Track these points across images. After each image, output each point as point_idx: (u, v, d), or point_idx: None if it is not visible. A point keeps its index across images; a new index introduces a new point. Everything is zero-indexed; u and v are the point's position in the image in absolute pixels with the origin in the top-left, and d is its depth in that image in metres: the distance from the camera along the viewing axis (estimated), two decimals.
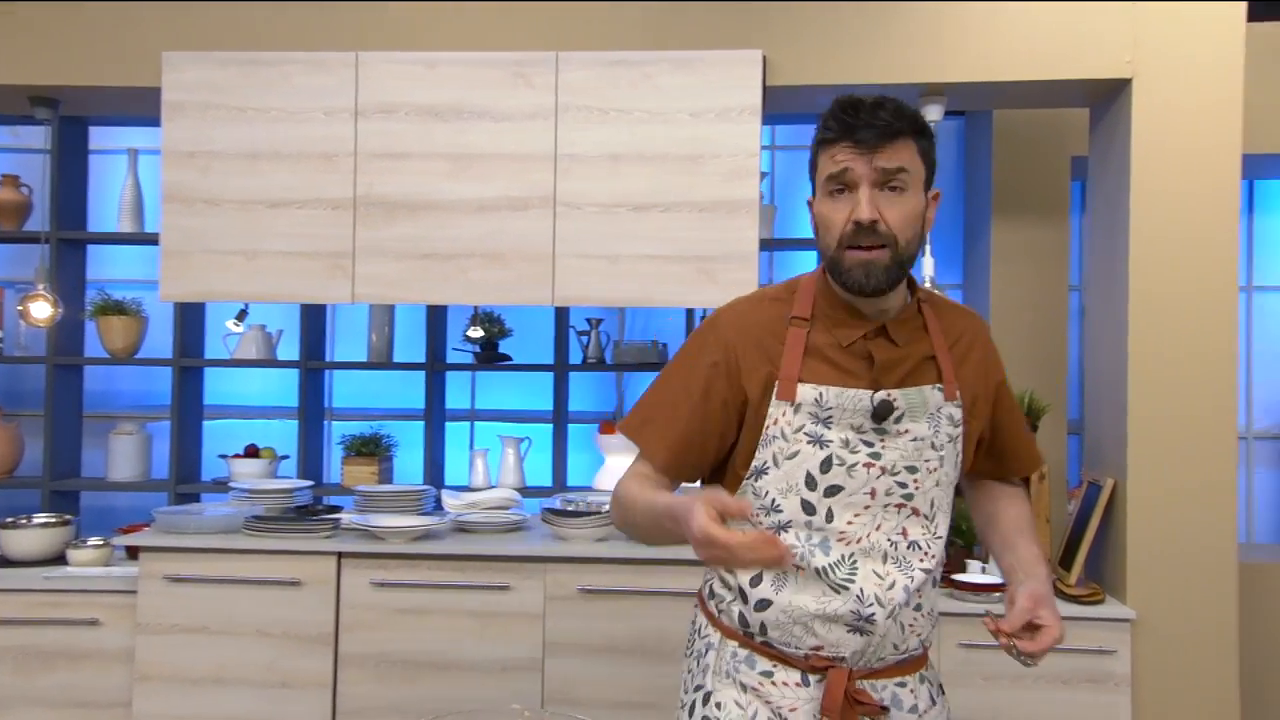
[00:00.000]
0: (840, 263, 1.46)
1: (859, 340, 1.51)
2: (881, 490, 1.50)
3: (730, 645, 1.56)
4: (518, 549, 2.92)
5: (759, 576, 1.53)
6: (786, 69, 3.00)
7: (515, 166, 3.03)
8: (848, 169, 1.42)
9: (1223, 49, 2.81)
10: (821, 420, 1.49)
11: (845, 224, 1.43)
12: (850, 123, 1.41)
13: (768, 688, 1.52)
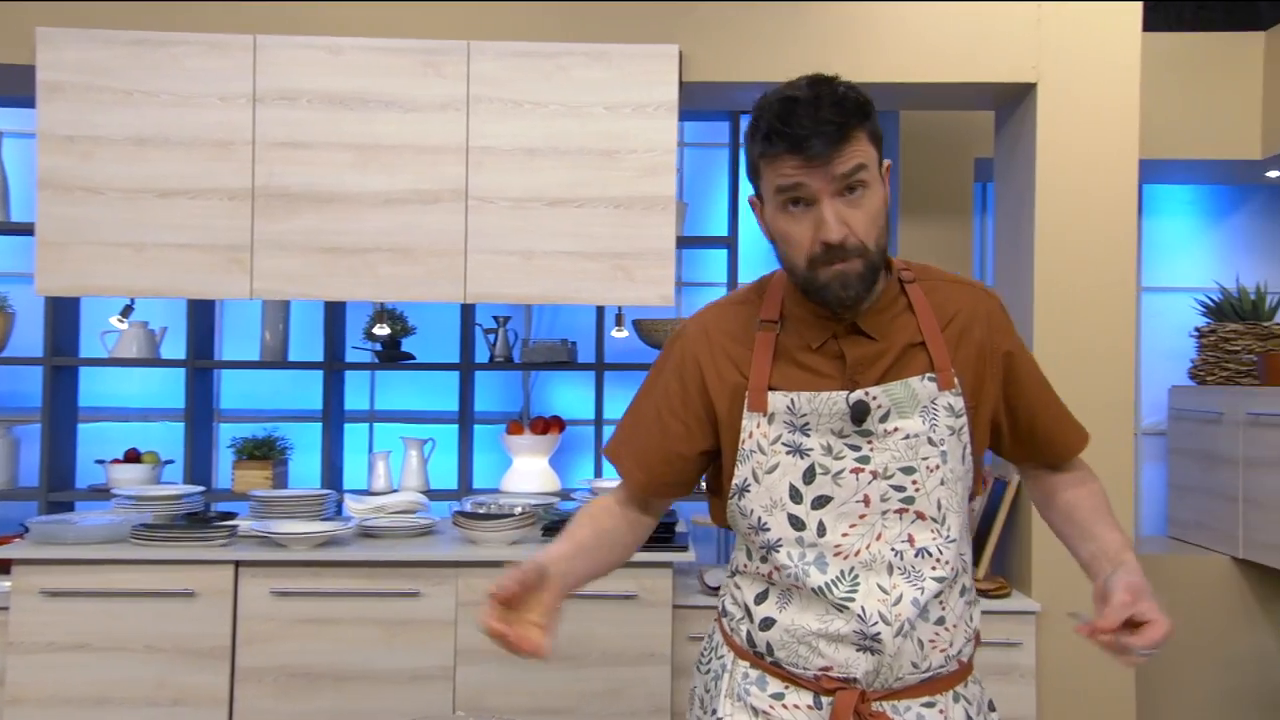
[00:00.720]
0: (813, 282, 1.37)
1: (829, 340, 1.44)
2: (877, 496, 1.41)
3: (742, 666, 1.50)
4: (429, 554, 2.89)
5: (764, 593, 1.48)
6: (702, 65, 3.04)
7: (425, 158, 3.00)
8: (801, 183, 1.32)
9: (1121, 57, 2.98)
10: (799, 428, 1.42)
11: (812, 244, 1.35)
12: (793, 135, 1.30)
13: (779, 711, 1.46)
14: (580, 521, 1.55)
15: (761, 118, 1.36)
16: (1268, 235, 4.44)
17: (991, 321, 1.49)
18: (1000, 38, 3.00)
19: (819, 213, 1.33)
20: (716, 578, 2.95)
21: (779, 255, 1.42)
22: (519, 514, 3.00)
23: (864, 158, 1.33)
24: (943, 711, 1.44)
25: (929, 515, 1.42)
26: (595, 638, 2.85)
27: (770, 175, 1.36)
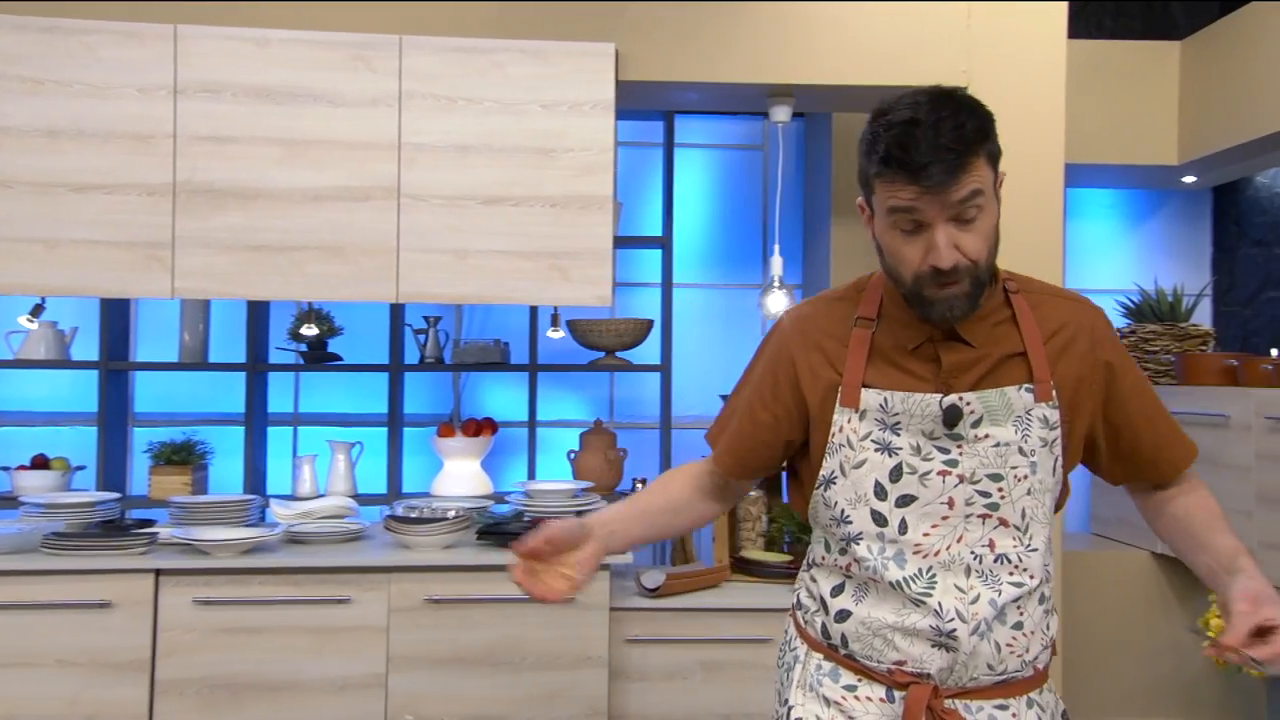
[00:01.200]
0: (920, 296, 1.38)
1: (925, 343, 1.44)
2: (961, 499, 1.43)
3: (815, 657, 1.53)
4: (360, 559, 2.85)
5: (840, 586, 1.50)
6: (638, 64, 3.07)
7: (355, 155, 2.96)
8: (915, 209, 1.33)
9: (1048, 62, 3.08)
10: (889, 426, 1.44)
11: (921, 264, 1.35)
12: (911, 163, 1.29)
13: (850, 702, 1.48)
14: (653, 487, 1.65)
15: (879, 138, 1.33)
16: (1184, 239, 4.63)
17: (1095, 335, 1.48)
18: (932, 41, 3.08)
19: (931, 238, 1.33)
20: (654, 579, 2.97)
21: (885, 264, 1.43)
22: (453, 517, 2.98)
23: (980, 183, 1.33)
24: (1015, 715, 1.45)
25: (1012, 523, 1.43)
26: (530, 641, 2.85)
27: (884, 195, 1.35)
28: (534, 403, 3.82)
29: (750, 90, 3.15)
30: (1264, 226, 4.31)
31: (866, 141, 1.37)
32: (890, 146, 1.31)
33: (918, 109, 1.31)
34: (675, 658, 2.95)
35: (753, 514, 3.27)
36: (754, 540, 3.27)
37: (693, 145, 4.17)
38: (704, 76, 3.07)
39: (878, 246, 1.42)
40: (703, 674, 2.95)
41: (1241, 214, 4.45)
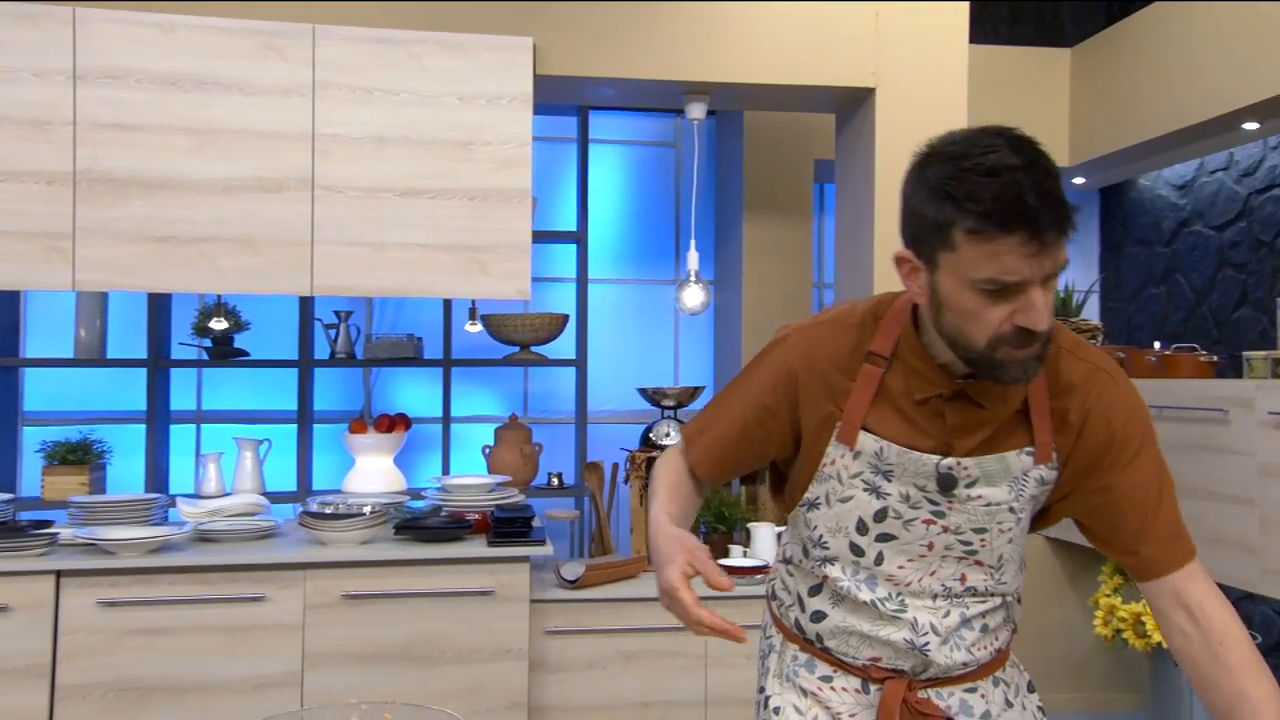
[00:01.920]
0: (991, 359, 1.25)
1: (934, 398, 1.37)
2: (941, 545, 1.42)
3: (791, 648, 1.54)
4: (274, 556, 2.82)
5: (818, 587, 1.50)
6: (556, 59, 3.09)
7: (268, 145, 2.92)
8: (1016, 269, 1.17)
9: (951, 65, 3.20)
10: (882, 472, 1.40)
11: (1002, 324, 1.22)
12: (1029, 213, 1.15)
13: (827, 693, 1.49)
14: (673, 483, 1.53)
15: (975, 187, 1.17)
16: (1074, 238, 4.87)
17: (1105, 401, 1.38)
18: (842, 43, 3.17)
19: (1027, 299, 1.20)
20: (573, 571, 3.01)
21: (941, 322, 1.28)
22: (369, 513, 2.97)
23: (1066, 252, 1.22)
24: (984, 696, 1.48)
25: (987, 564, 1.44)
26: (449, 636, 2.86)
27: (977, 256, 1.18)
28: (448, 398, 3.82)
29: (666, 87, 3.21)
30: (1146, 226, 4.56)
31: (943, 193, 1.19)
32: (1004, 197, 1.15)
33: (1006, 158, 1.17)
34: (594, 648, 3.00)
35: None
36: None
37: (606, 141, 4.22)
38: (621, 72, 3.11)
39: (933, 302, 1.27)
40: (621, 663, 3.00)
41: (1126, 214, 4.70)
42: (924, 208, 1.23)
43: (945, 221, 1.19)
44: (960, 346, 1.27)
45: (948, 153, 1.21)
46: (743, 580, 3.06)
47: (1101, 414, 1.37)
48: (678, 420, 3.34)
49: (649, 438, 3.32)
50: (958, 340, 1.27)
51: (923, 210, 1.23)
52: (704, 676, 3.02)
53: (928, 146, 1.26)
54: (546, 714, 2.97)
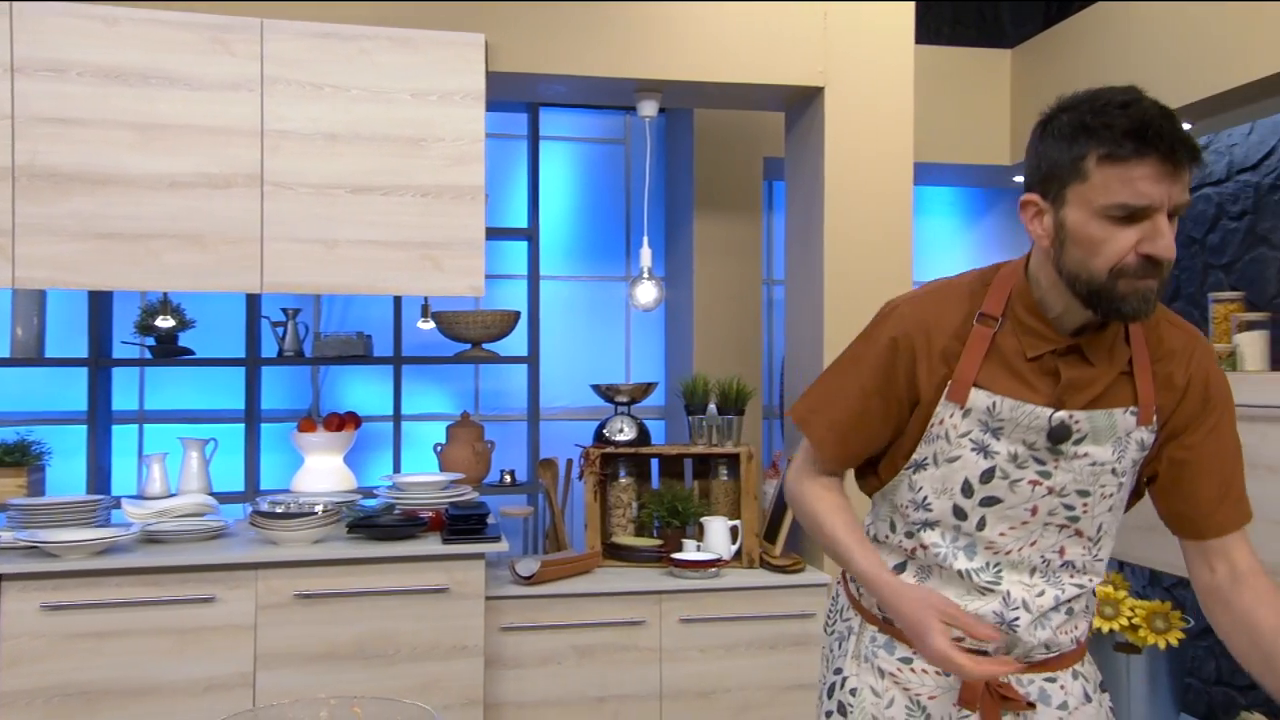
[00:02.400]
0: (1113, 291, 1.30)
1: (1047, 354, 1.41)
2: (1045, 509, 1.44)
3: (870, 629, 1.56)
4: (224, 556, 2.80)
5: (902, 565, 1.52)
6: (508, 55, 3.09)
7: (215, 140, 2.89)
8: (1147, 193, 1.25)
9: (897, 65, 3.26)
10: (991, 430, 1.42)
11: (1127, 254, 1.28)
12: (1163, 136, 1.23)
13: (906, 674, 1.51)
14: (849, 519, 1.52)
15: (1110, 116, 1.27)
16: (1016, 234, 4.98)
17: (1200, 366, 1.46)
18: (791, 42, 3.22)
19: (1154, 226, 1.26)
20: (528, 567, 3.02)
21: (1064, 258, 1.33)
22: (321, 512, 2.96)
23: (1189, 191, 1.30)
24: (1063, 687, 1.50)
25: (1087, 534, 1.47)
26: (404, 634, 2.86)
27: (1110, 179, 1.26)
28: (399, 396, 3.80)
29: (618, 85, 3.22)
30: None
31: (1078, 126, 1.29)
32: (1139, 122, 1.24)
33: (1130, 95, 1.29)
34: (549, 643, 3.02)
35: (624, 500, 3.36)
36: (625, 526, 3.36)
37: (556, 138, 4.23)
38: (574, 70, 3.12)
39: (1057, 239, 1.33)
40: (576, 658, 3.02)
41: None
42: (1054, 149, 1.32)
43: (1079, 155, 1.28)
44: (1082, 281, 1.32)
45: (1079, 100, 1.32)
46: (697, 574, 3.09)
47: (1200, 379, 1.45)
48: (631, 416, 3.37)
49: (603, 433, 3.35)
50: (1080, 275, 1.32)
51: (1054, 152, 1.32)
52: (659, 669, 3.06)
53: (1055, 104, 1.36)
54: (503, 710, 2.98)
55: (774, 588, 3.13)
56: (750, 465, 3.27)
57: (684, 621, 3.07)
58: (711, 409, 3.36)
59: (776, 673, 3.12)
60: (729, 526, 3.22)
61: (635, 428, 3.34)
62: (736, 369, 3.84)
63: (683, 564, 3.12)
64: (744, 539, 3.23)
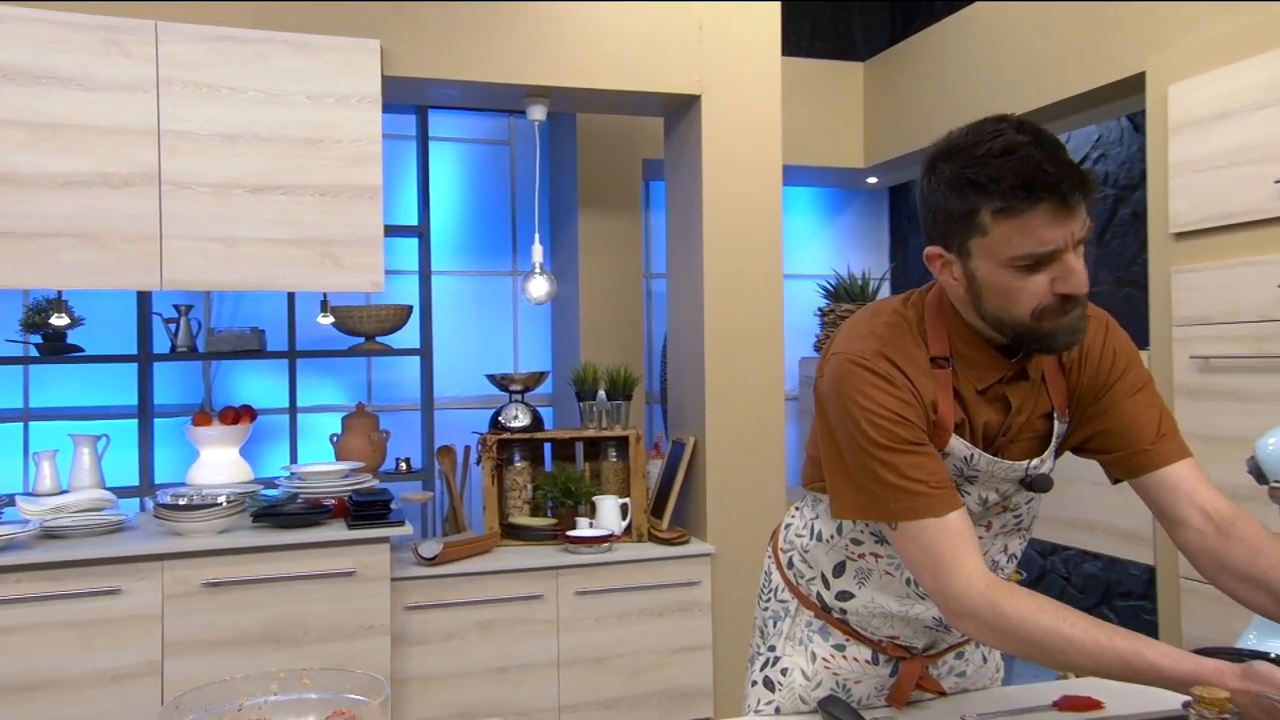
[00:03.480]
0: (1039, 330, 1.24)
1: (995, 384, 1.33)
2: (998, 525, 1.42)
3: (806, 614, 1.53)
4: (129, 549, 2.73)
5: (842, 565, 1.46)
6: (403, 61, 3.08)
7: (111, 140, 2.80)
8: (1048, 239, 1.17)
9: (766, 74, 3.38)
10: (966, 476, 1.35)
11: (1045, 296, 1.21)
12: (1051, 180, 1.15)
13: (838, 660, 1.49)
14: (1100, 626, 1.19)
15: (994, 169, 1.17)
16: (869, 230, 5.23)
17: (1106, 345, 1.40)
18: (670, 52, 3.30)
19: (1063, 266, 1.20)
20: (431, 549, 3.04)
21: (982, 306, 1.26)
22: (226, 503, 2.91)
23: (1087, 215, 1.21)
24: (967, 659, 1.55)
25: (1025, 529, 1.47)
26: (313, 617, 2.84)
27: (1010, 233, 1.18)
28: (294, 388, 3.75)
29: (509, 90, 3.25)
30: None
31: (965, 181, 1.20)
32: (1025, 172, 1.16)
33: (1013, 138, 1.18)
34: (453, 620, 3.05)
35: (519, 483, 3.41)
36: (520, 507, 3.41)
37: (443, 139, 4.22)
38: (466, 75, 3.13)
39: (971, 290, 1.26)
40: (478, 633, 3.06)
41: (912, 210, 5.09)
42: (947, 202, 1.23)
43: (971, 208, 1.20)
44: (1006, 326, 1.25)
45: (957, 146, 1.22)
46: (590, 549, 3.17)
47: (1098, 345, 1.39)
48: (525, 403, 3.41)
49: (499, 420, 3.38)
50: (1003, 320, 1.25)
51: (946, 204, 1.23)
52: (556, 640, 3.12)
53: (934, 149, 1.26)
54: (409, 684, 3.00)
55: (662, 559, 3.24)
56: (638, 447, 3.36)
57: (579, 594, 3.15)
58: (601, 395, 3.43)
59: (665, 637, 3.23)
60: (619, 504, 3.30)
61: (529, 414, 3.39)
62: (620, 358, 3.93)
63: (577, 540, 3.19)
64: (633, 515, 3.33)
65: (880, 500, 1.28)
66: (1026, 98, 3.63)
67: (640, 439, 3.38)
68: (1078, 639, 1.17)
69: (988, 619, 1.20)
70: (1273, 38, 2.57)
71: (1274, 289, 2.54)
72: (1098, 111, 3.63)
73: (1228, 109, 2.68)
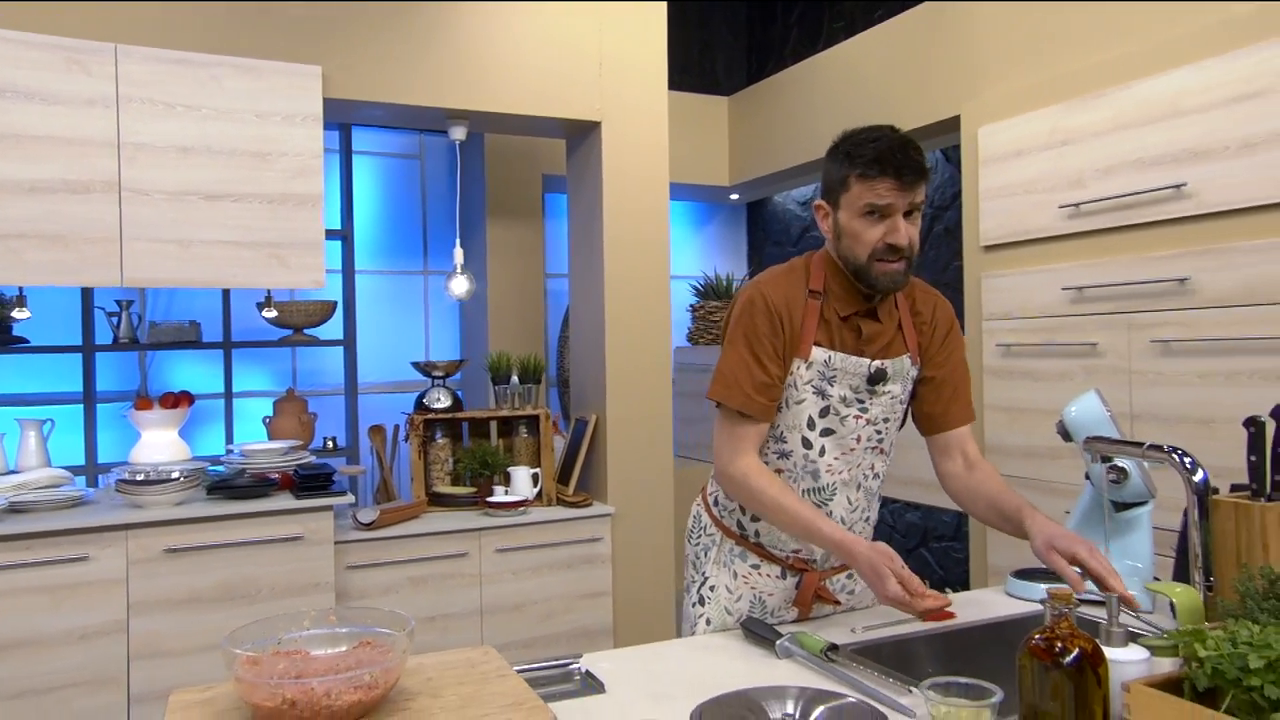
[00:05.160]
0: (869, 271, 1.59)
1: (852, 315, 1.65)
2: (865, 437, 1.69)
3: (728, 543, 1.78)
4: (97, 520, 2.77)
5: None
6: (342, 84, 3.19)
7: (73, 151, 2.82)
8: (890, 203, 1.53)
9: (654, 105, 3.62)
10: (827, 378, 1.64)
11: (877, 243, 1.56)
12: (895, 163, 1.51)
13: (755, 578, 1.75)
14: (790, 495, 1.62)
15: (865, 148, 1.54)
16: (730, 239, 5.58)
17: (941, 314, 1.76)
18: (574, 84, 3.49)
19: (893, 224, 1.55)
20: (368, 515, 3.18)
21: (839, 247, 1.62)
22: (181, 478, 2.98)
23: (923, 194, 1.57)
24: (854, 578, 1.81)
25: (885, 450, 1.73)
26: (265, 576, 2.95)
27: (861, 190, 1.55)
28: (229, 376, 3.80)
29: (433, 112, 3.40)
30: (779, 232, 5.34)
31: (844, 154, 1.58)
32: (880, 153, 1.53)
33: (887, 134, 1.56)
34: (389, 577, 3.20)
35: (441, 457, 3.57)
36: (443, 478, 3.58)
37: (361, 152, 4.31)
38: (398, 99, 3.25)
39: (835, 234, 1.62)
40: (411, 587, 3.22)
41: (766, 223, 5.46)
42: (832, 169, 1.61)
43: (844, 174, 1.58)
44: (850, 263, 1.62)
45: (848, 135, 1.61)
46: (507, 513, 3.37)
47: (944, 324, 1.75)
48: (446, 387, 3.58)
49: (423, 402, 3.54)
50: (849, 259, 1.61)
51: (831, 171, 1.61)
52: (479, 591, 3.31)
53: (838, 137, 1.63)
54: None
55: (569, 520, 3.47)
56: (547, 424, 3.58)
57: (499, 551, 3.35)
58: (514, 380, 3.63)
59: (573, 586, 3.46)
60: (531, 474, 3.51)
61: (450, 397, 3.56)
62: (524, 348, 4.13)
63: (496, 505, 3.38)
64: (544, 482, 3.54)
65: (722, 386, 1.65)
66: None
67: (549, 418, 3.60)
68: (787, 507, 1.59)
69: (739, 483, 1.64)
70: (1055, 95, 3.00)
71: (1059, 291, 2.96)
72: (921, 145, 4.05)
73: (1023, 148, 3.10)
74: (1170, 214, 2.58)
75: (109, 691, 2.77)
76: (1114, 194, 2.72)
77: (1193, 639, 0.98)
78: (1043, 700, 1.09)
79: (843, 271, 1.66)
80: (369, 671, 1.19)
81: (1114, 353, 2.72)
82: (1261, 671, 0.92)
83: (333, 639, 1.33)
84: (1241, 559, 1.26)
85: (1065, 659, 1.07)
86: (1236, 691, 0.94)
